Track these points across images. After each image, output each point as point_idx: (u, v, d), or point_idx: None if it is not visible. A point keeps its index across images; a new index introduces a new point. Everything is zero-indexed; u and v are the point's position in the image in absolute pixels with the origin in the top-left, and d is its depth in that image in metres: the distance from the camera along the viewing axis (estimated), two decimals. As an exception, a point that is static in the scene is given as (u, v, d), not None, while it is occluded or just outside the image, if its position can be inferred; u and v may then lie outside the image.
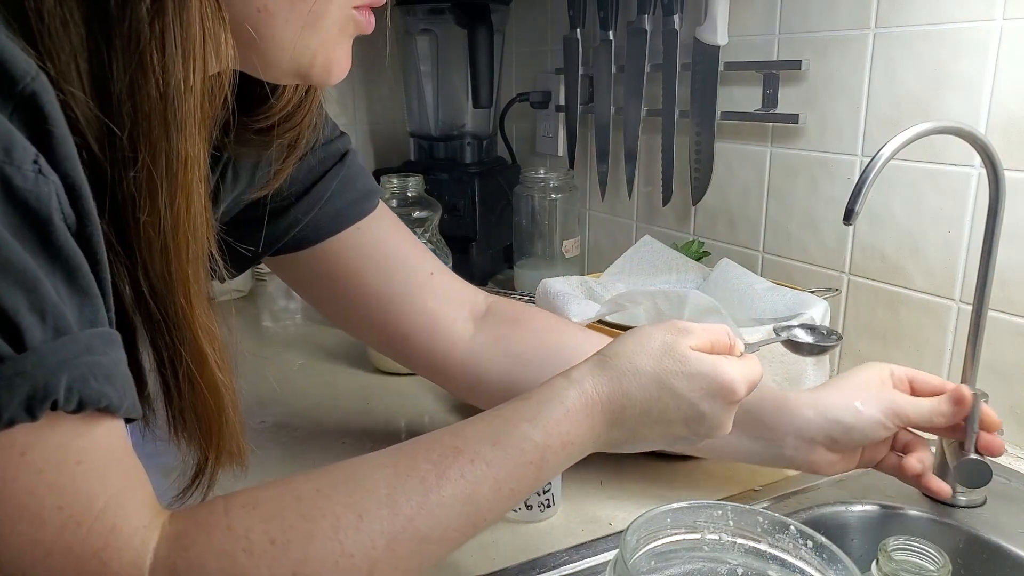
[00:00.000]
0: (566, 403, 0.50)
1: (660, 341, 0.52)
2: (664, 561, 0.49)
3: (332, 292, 0.71)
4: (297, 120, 0.56)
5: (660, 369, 0.51)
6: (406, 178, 1.05)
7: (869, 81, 0.88)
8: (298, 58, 0.45)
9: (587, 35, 1.26)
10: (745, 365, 0.53)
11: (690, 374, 0.51)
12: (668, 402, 0.51)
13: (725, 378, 0.51)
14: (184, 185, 0.40)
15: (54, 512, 0.35)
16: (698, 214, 1.15)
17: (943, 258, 0.84)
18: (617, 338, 0.54)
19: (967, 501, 0.68)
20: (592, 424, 0.50)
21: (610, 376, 0.51)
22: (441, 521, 0.44)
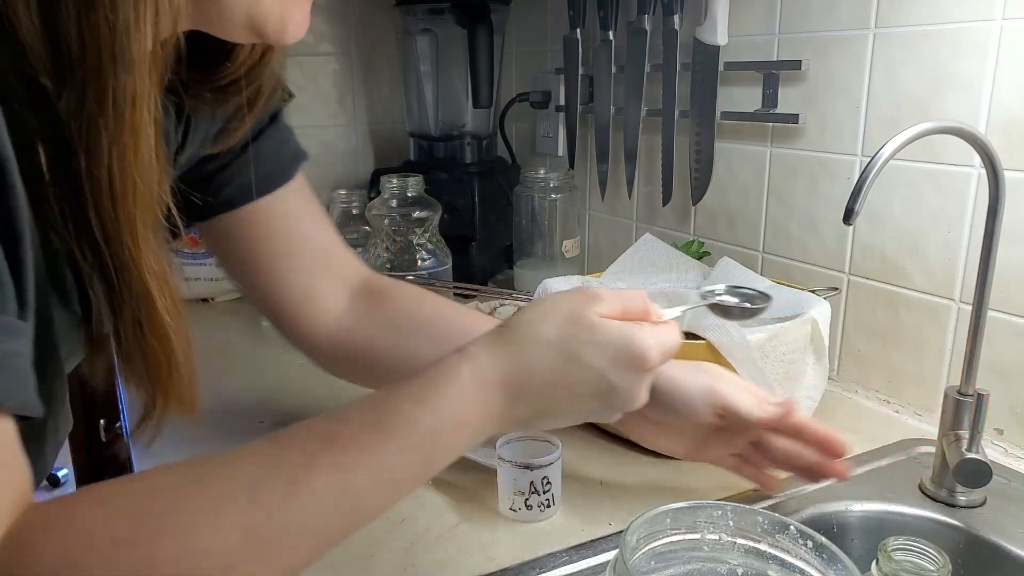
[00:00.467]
0: (458, 380, 0.46)
1: (566, 309, 0.49)
2: (664, 561, 0.49)
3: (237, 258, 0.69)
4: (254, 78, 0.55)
5: (565, 338, 0.48)
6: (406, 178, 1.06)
7: (869, 81, 0.89)
8: (253, 13, 0.44)
9: (587, 35, 1.26)
10: (660, 332, 0.50)
11: (598, 342, 0.48)
12: (575, 374, 0.48)
13: (636, 346, 0.48)
14: (132, 125, 0.39)
15: None
16: (698, 214, 1.15)
17: (943, 258, 0.84)
18: (523, 308, 0.51)
19: (967, 501, 0.68)
20: (490, 401, 0.47)
21: (508, 348, 0.48)
22: (310, 514, 0.41)
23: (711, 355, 0.73)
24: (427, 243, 1.04)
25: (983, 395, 0.64)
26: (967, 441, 0.66)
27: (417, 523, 0.67)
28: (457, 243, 1.24)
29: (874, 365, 0.93)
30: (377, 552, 0.63)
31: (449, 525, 0.67)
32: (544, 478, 0.67)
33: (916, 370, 0.88)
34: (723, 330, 0.72)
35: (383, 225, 1.03)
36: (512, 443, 0.70)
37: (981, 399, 0.64)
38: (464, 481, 0.73)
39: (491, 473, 0.70)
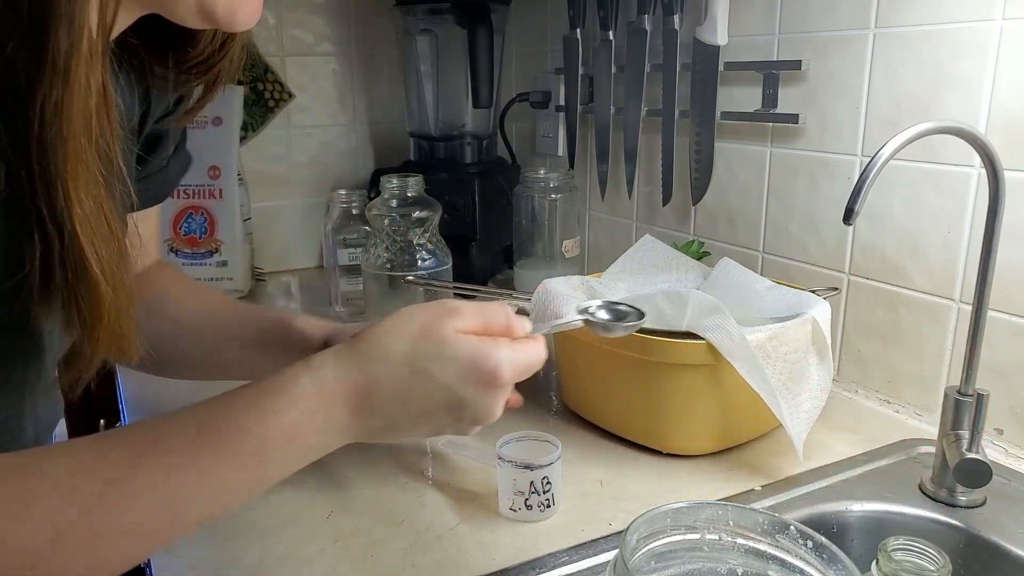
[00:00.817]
0: (295, 391, 0.46)
1: (421, 322, 0.49)
2: (664, 561, 0.49)
3: None
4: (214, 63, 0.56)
5: (414, 353, 0.47)
6: (406, 178, 1.05)
7: (869, 81, 0.89)
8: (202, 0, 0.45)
9: (587, 35, 1.26)
10: (517, 348, 0.49)
11: (447, 358, 0.47)
12: (424, 388, 0.47)
13: (486, 363, 0.47)
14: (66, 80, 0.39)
15: None
16: (698, 214, 1.15)
17: (943, 258, 0.84)
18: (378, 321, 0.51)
19: (967, 501, 0.68)
20: (333, 414, 0.46)
21: (355, 360, 0.47)
22: (127, 515, 0.40)
23: (711, 355, 0.73)
24: (427, 243, 1.04)
25: (983, 395, 0.64)
26: (967, 441, 0.66)
27: (417, 523, 0.67)
28: (457, 243, 1.24)
29: (874, 365, 0.93)
30: (377, 552, 0.63)
31: (449, 525, 0.67)
32: (544, 478, 0.67)
33: (916, 370, 0.88)
34: (723, 330, 0.72)
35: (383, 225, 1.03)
36: (512, 443, 0.70)
37: (981, 399, 0.64)
38: (464, 481, 0.74)
39: (491, 473, 0.70)
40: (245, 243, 1.37)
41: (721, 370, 0.73)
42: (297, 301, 1.37)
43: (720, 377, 0.74)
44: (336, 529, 0.66)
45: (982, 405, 0.64)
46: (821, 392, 0.80)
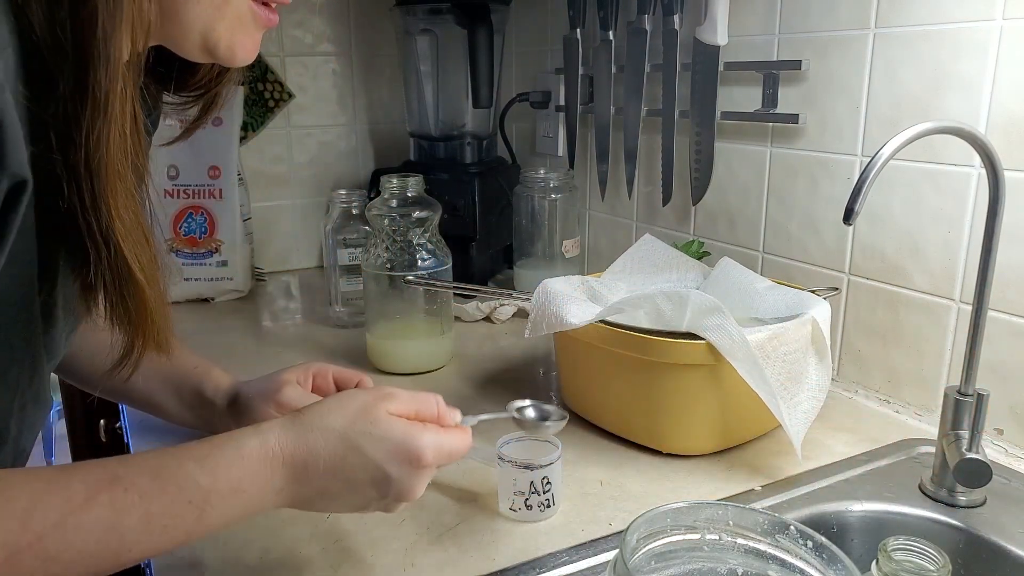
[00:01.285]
0: (242, 449, 0.50)
1: (359, 403, 0.54)
2: (664, 561, 0.49)
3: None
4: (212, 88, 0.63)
5: (350, 429, 0.52)
6: (406, 178, 1.05)
7: (869, 81, 0.89)
8: (207, 36, 0.51)
9: (587, 35, 1.26)
10: (442, 435, 0.55)
11: (378, 436, 0.52)
12: (354, 462, 0.52)
13: (412, 444, 0.53)
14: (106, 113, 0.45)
15: None
16: (698, 214, 1.15)
17: (943, 258, 0.84)
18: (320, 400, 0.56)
19: (967, 501, 0.68)
20: (271, 476, 0.51)
21: (297, 431, 0.52)
22: (75, 545, 0.43)
23: (711, 355, 0.73)
24: (427, 243, 1.04)
25: (983, 395, 0.64)
26: (967, 441, 0.66)
27: (417, 523, 0.67)
28: (457, 243, 1.24)
29: (874, 365, 0.93)
30: (377, 552, 0.63)
31: (449, 525, 0.67)
32: (544, 478, 0.67)
33: (916, 370, 0.88)
34: (723, 330, 0.72)
35: (383, 225, 1.03)
36: (512, 443, 0.70)
37: (981, 399, 0.64)
38: (464, 481, 0.73)
39: (491, 473, 0.70)
40: (245, 243, 1.37)
41: (721, 370, 0.73)
42: (297, 301, 1.37)
43: (720, 377, 0.74)
44: (336, 529, 0.66)
45: (982, 405, 0.64)
46: (819, 392, 0.80)
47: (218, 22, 0.51)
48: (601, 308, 0.81)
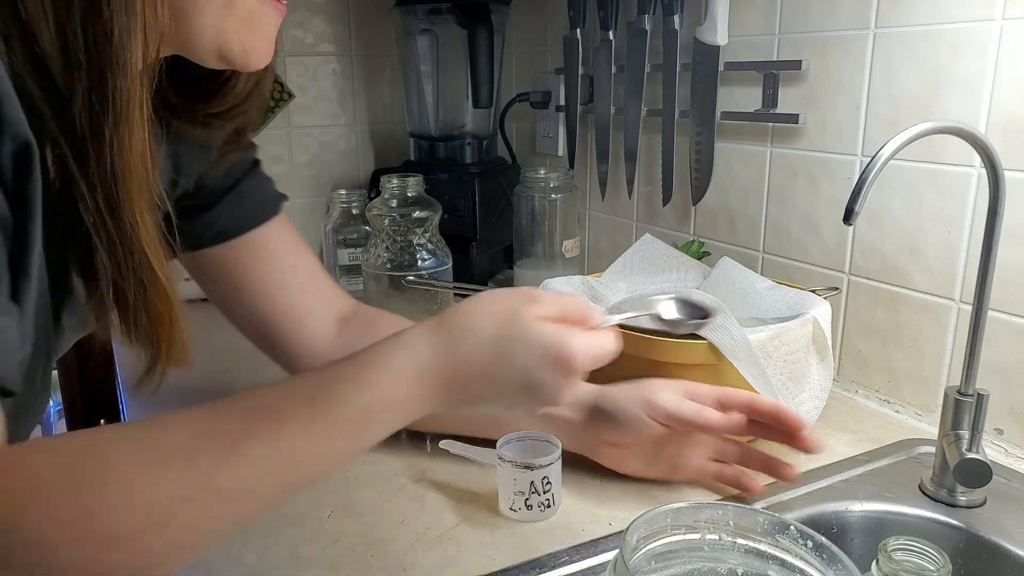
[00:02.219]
0: (392, 364, 0.49)
1: (504, 306, 0.52)
2: (664, 561, 0.49)
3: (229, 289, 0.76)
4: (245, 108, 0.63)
5: (499, 334, 0.50)
6: (406, 178, 1.05)
7: (869, 81, 0.89)
8: (219, 39, 0.52)
9: (587, 35, 1.26)
10: (591, 338, 0.52)
11: (528, 341, 0.50)
12: (504, 368, 0.50)
13: (563, 349, 0.50)
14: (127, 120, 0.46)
15: None
16: (698, 214, 1.15)
17: (943, 258, 0.84)
18: (462, 302, 0.54)
19: (967, 501, 0.68)
20: (423, 385, 0.50)
21: (446, 338, 0.51)
22: (244, 478, 0.43)
23: (712, 355, 0.73)
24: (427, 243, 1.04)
25: (983, 395, 0.64)
26: (967, 441, 0.66)
27: (417, 523, 0.67)
28: (457, 243, 1.24)
29: (874, 365, 0.93)
30: (377, 552, 0.63)
31: (449, 525, 0.67)
32: (544, 478, 0.67)
33: (916, 370, 0.88)
34: (725, 330, 0.72)
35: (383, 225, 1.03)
36: (512, 443, 0.70)
37: (981, 399, 0.64)
38: (464, 481, 0.73)
39: (491, 473, 0.70)
40: (245, 243, 1.37)
41: (722, 370, 0.73)
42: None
43: (721, 377, 0.74)
44: (336, 529, 0.66)
45: (982, 405, 0.64)
46: (821, 392, 0.80)
47: (227, 21, 0.51)
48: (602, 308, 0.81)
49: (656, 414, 0.67)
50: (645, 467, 0.71)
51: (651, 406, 0.67)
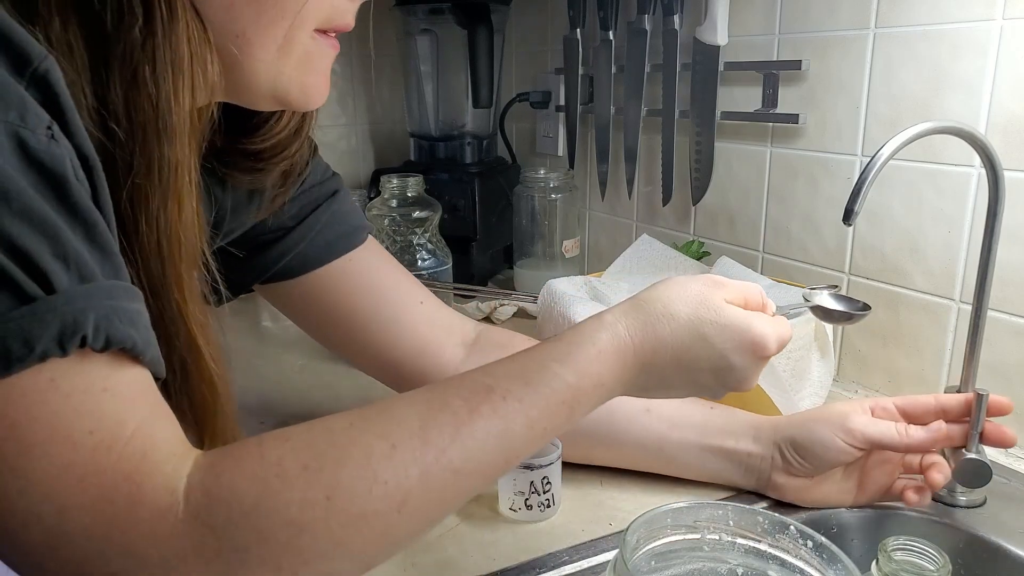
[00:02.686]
0: (598, 345, 0.50)
1: (696, 291, 0.52)
2: (664, 561, 0.49)
3: (323, 321, 0.74)
4: (292, 148, 0.61)
5: (695, 317, 0.51)
6: (406, 178, 1.05)
7: (869, 81, 0.89)
8: (275, 82, 0.49)
9: (587, 35, 1.26)
10: (777, 324, 0.54)
11: (724, 325, 0.51)
12: (699, 350, 0.51)
13: (758, 333, 0.51)
14: (176, 190, 0.44)
15: (85, 436, 0.37)
16: (698, 214, 1.15)
17: (943, 258, 0.84)
18: (652, 284, 0.54)
19: (967, 501, 0.68)
20: (624, 367, 0.50)
21: (644, 320, 0.51)
22: (474, 454, 0.44)
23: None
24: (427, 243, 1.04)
25: (983, 395, 0.64)
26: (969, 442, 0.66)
27: (417, 523, 0.67)
28: (457, 243, 1.24)
29: (874, 365, 0.93)
30: (377, 552, 0.63)
31: (449, 525, 0.67)
32: (544, 478, 0.67)
33: (916, 370, 0.88)
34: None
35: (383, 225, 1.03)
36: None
37: (981, 399, 0.64)
38: (464, 481, 0.73)
39: (491, 473, 0.70)
40: (245, 243, 1.37)
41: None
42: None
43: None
44: (336, 529, 0.66)
45: (982, 405, 0.64)
46: (821, 389, 0.80)
47: (283, 64, 0.49)
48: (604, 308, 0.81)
49: (855, 441, 0.64)
50: (835, 496, 0.68)
51: (850, 434, 0.64)
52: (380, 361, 0.74)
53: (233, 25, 0.46)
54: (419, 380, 0.73)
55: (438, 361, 0.73)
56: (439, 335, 0.74)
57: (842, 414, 0.65)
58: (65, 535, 0.36)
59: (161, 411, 0.41)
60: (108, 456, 0.37)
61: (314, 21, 0.49)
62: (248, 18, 0.46)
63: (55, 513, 0.36)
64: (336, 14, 0.50)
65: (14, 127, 0.35)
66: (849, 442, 0.64)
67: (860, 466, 0.67)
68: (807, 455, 0.66)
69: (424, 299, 0.75)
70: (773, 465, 0.67)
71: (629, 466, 0.73)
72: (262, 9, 0.46)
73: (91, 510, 0.37)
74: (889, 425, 0.64)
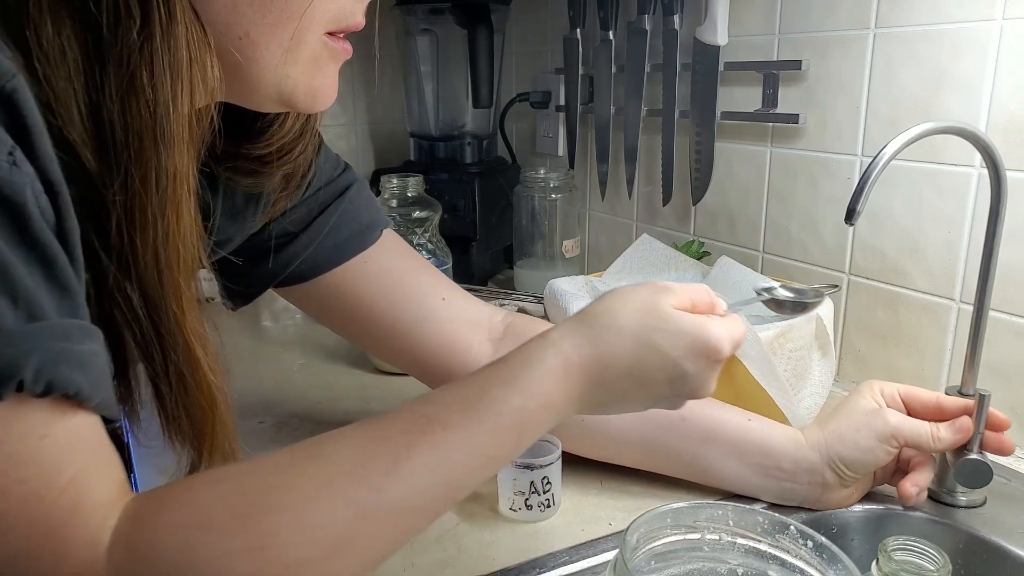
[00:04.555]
0: (544, 364, 0.48)
1: (641, 299, 0.51)
2: (664, 561, 0.49)
3: (346, 320, 0.72)
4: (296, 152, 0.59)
5: (643, 327, 0.49)
6: (406, 178, 1.05)
7: (869, 81, 0.88)
8: (281, 85, 0.47)
9: (587, 35, 1.26)
10: (729, 324, 0.52)
11: (674, 332, 0.49)
12: (651, 361, 0.49)
13: (710, 336, 0.50)
14: (173, 199, 0.42)
15: (15, 485, 0.35)
16: (698, 214, 1.15)
17: (943, 258, 0.84)
18: (598, 297, 0.53)
19: (967, 501, 0.68)
20: (572, 385, 0.49)
21: (590, 335, 0.49)
22: (413, 491, 0.43)
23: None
24: (427, 243, 1.04)
25: (983, 395, 0.64)
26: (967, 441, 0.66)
27: (417, 523, 0.67)
28: (457, 243, 1.24)
29: (874, 365, 0.93)
30: (377, 552, 0.63)
31: (449, 525, 0.67)
32: (544, 478, 0.67)
33: (916, 370, 0.88)
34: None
35: (383, 225, 1.03)
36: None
37: (982, 399, 0.64)
38: (464, 481, 0.73)
39: (491, 473, 0.70)
40: (245, 243, 1.37)
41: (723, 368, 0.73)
42: (297, 301, 1.36)
43: (729, 374, 0.74)
44: (336, 529, 0.66)
45: (982, 405, 0.64)
46: (822, 389, 0.80)
47: (291, 67, 0.47)
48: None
49: (896, 444, 0.63)
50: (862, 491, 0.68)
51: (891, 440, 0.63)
52: (406, 360, 0.73)
53: (236, 27, 0.44)
54: (447, 378, 0.71)
55: (465, 359, 0.71)
56: (464, 332, 0.72)
57: (875, 416, 0.64)
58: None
59: (102, 457, 0.39)
60: (39, 507, 0.36)
61: (322, 23, 0.47)
62: (252, 19, 0.45)
63: None
64: (344, 14, 0.48)
65: None
66: (891, 446, 0.63)
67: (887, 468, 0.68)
68: (855, 467, 0.64)
69: (447, 294, 0.72)
70: (825, 485, 0.65)
71: (662, 472, 0.72)
72: (266, 10, 0.45)
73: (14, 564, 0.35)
74: (923, 426, 0.63)
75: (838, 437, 0.65)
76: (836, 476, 0.65)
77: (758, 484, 0.68)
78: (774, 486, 0.67)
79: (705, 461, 0.68)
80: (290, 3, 0.45)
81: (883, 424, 0.63)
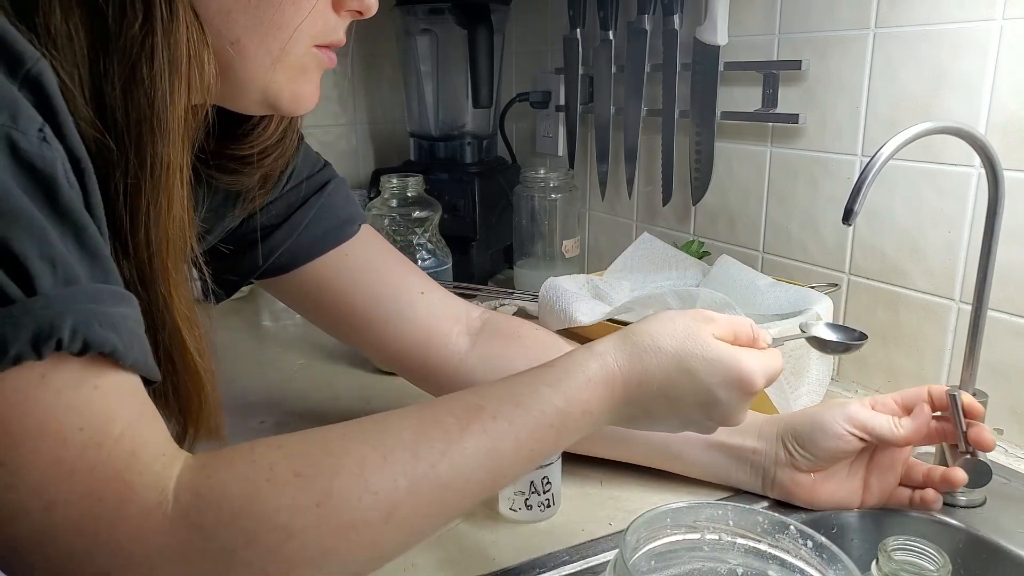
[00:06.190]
0: (587, 373, 0.51)
1: (684, 325, 0.53)
2: (664, 561, 0.49)
3: (324, 313, 0.74)
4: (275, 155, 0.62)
5: (682, 351, 0.52)
6: (406, 178, 1.06)
7: (869, 81, 0.89)
8: (267, 90, 0.50)
9: (587, 35, 1.26)
10: (766, 358, 0.54)
11: (711, 360, 0.52)
12: (686, 385, 0.52)
13: (745, 368, 0.52)
14: (167, 188, 0.45)
15: (75, 432, 0.37)
16: (698, 214, 1.15)
17: (943, 258, 0.84)
18: (644, 318, 0.55)
19: (967, 501, 0.68)
20: (611, 396, 0.51)
21: (632, 352, 0.52)
22: (463, 471, 0.45)
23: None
24: (427, 243, 1.04)
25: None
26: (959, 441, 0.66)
27: (417, 523, 0.67)
28: (457, 243, 1.24)
29: (874, 365, 0.93)
30: (377, 552, 0.63)
31: (449, 525, 0.67)
32: (544, 478, 0.67)
33: (916, 370, 0.88)
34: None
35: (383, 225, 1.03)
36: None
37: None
38: (464, 481, 0.73)
39: (491, 473, 0.70)
40: (245, 243, 1.37)
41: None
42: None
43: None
44: (336, 529, 0.66)
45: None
46: (819, 387, 0.80)
47: (277, 74, 0.50)
48: (607, 306, 0.81)
49: (854, 427, 0.64)
50: (838, 495, 0.67)
51: (849, 420, 0.64)
52: (385, 353, 0.75)
53: (229, 32, 0.47)
54: (425, 370, 0.74)
55: (442, 352, 0.73)
56: (443, 325, 0.74)
57: (842, 404, 0.66)
58: (52, 530, 0.36)
59: (148, 414, 0.41)
60: (98, 453, 0.37)
61: (310, 36, 0.50)
62: (244, 27, 0.47)
63: (43, 508, 0.36)
64: (328, 30, 0.51)
65: (5, 129, 0.35)
66: (848, 428, 0.64)
67: (864, 465, 0.67)
68: (808, 444, 0.66)
69: (425, 288, 0.74)
70: (777, 461, 0.67)
71: (635, 461, 0.73)
72: (259, 20, 0.47)
73: (79, 506, 0.37)
74: (885, 417, 0.65)
75: (797, 416, 0.68)
76: (787, 454, 0.66)
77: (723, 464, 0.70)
78: (738, 467, 0.69)
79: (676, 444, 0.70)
80: (282, 17, 0.47)
81: (844, 407, 0.65)
